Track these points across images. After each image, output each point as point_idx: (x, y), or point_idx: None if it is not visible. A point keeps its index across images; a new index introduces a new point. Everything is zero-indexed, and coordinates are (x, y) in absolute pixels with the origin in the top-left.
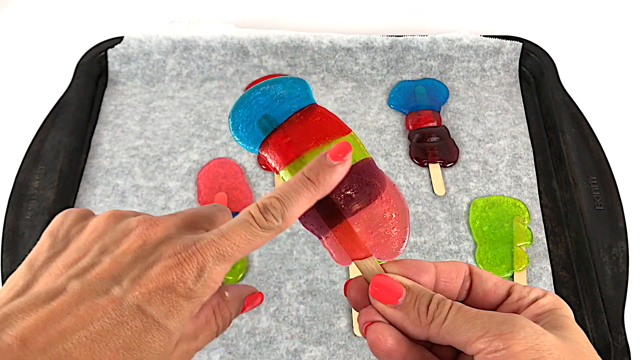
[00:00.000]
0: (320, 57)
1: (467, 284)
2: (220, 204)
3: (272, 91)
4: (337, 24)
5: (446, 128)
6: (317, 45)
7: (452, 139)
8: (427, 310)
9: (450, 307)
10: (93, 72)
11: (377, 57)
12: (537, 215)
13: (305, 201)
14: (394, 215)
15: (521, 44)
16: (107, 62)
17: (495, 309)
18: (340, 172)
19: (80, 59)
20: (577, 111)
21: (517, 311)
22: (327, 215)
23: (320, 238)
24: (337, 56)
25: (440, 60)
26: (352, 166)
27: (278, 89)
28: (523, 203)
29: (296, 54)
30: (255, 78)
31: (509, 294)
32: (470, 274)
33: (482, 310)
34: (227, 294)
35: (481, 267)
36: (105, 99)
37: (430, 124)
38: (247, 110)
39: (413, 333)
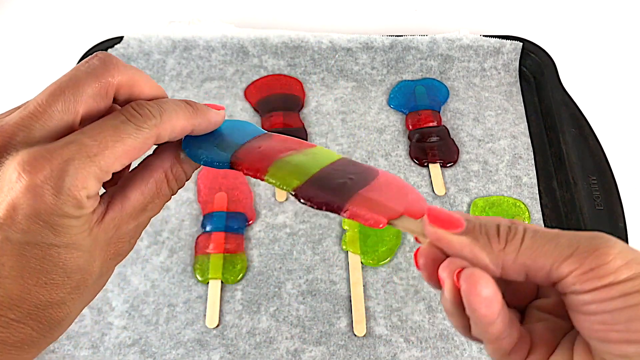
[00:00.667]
0: (320, 57)
1: None
2: (220, 204)
3: (222, 125)
4: (337, 24)
5: (446, 128)
6: (317, 45)
7: (452, 139)
8: (498, 234)
9: (525, 230)
10: None
11: (377, 57)
12: (537, 215)
13: (183, 116)
14: (400, 187)
15: (521, 43)
16: None
17: None
18: (215, 115)
19: (80, 59)
20: (577, 111)
21: None
22: (336, 190)
23: (338, 213)
24: (337, 56)
25: (440, 60)
26: (334, 162)
27: (226, 124)
28: (523, 203)
29: (296, 54)
30: (255, 78)
31: None
32: None
33: (564, 231)
34: (182, 155)
35: None
36: None
37: (430, 124)
38: (203, 143)
39: (486, 263)
